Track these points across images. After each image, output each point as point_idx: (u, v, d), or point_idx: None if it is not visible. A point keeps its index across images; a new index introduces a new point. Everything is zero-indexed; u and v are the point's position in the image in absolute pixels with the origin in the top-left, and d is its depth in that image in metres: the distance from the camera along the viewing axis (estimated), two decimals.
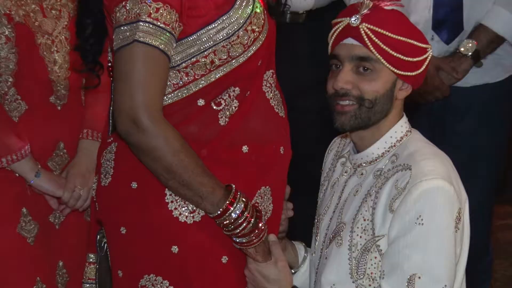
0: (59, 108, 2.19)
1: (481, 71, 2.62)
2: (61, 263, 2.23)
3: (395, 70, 1.85)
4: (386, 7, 1.89)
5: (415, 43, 1.86)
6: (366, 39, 1.84)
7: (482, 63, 2.61)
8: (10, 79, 2.12)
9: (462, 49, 2.60)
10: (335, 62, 1.89)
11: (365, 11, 1.88)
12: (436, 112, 2.64)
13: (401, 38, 1.85)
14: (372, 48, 1.84)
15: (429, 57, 1.89)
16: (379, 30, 1.84)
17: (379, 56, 1.84)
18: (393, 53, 1.84)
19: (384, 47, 1.84)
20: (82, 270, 2.15)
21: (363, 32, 1.85)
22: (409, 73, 1.86)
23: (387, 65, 1.85)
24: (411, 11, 2.65)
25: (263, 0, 1.94)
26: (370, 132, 1.92)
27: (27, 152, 2.13)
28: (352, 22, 1.86)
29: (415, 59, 1.86)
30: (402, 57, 1.85)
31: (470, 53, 2.59)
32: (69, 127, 2.23)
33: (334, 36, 1.89)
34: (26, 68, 2.14)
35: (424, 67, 1.88)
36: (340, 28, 1.88)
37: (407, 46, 1.85)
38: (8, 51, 2.11)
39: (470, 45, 2.58)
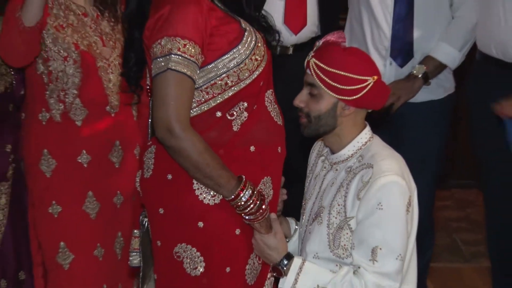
0: (113, 115, 2.19)
1: (428, 90, 2.63)
2: (119, 234, 2.23)
3: (334, 95, 1.85)
4: (336, 45, 1.89)
5: (351, 75, 1.84)
6: (312, 71, 1.87)
7: (430, 83, 2.62)
8: (75, 92, 2.13)
9: (415, 72, 2.59)
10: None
11: (316, 47, 1.90)
12: (395, 123, 2.62)
13: (337, 71, 1.84)
14: (315, 78, 1.86)
15: (370, 85, 1.84)
16: (321, 64, 1.85)
17: (320, 84, 1.86)
18: (330, 82, 1.84)
19: (324, 77, 1.85)
20: None
21: (310, 65, 1.87)
22: (347, 98, 1.85)
23: (327, 91, 1.85)
24: (376, 41, 2.64)
25: (263, 37, 1.97)
26: (333, 139, 1.93)
27: None
28: (307, 57, 1.90)
29: (349, 87, 1.84)
30: (338, 85, 1.84)
31: (420, 75, 2.58)
32: (121, 129, 2.22)
33: (304, 66, 1.92)
34: (88, 84, 2.14)
35: (362, 93, 1.84)
36: (306, 61, 1.91)
37: (343, 77, 1.84)
38: (75, 70, 2.12)
39: (421, 69, 2.60)
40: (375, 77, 1.84)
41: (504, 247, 2.63)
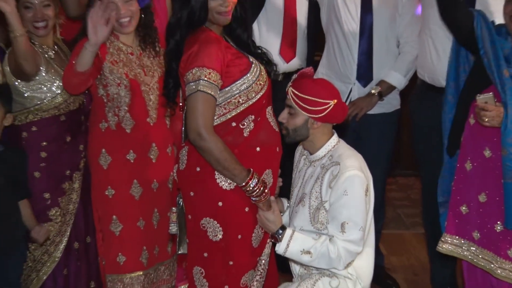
0: (151, 124, 2.19)
1: (381, 105, 2.67)
2: (156, 210, 2.23)
3: (305, 114, 1.87)
4: (307, 77, 1.90)
5: (316, 99, 1.85)
6: (290, 96, 1.89)
7: (384, 99, 2.66)
8: (126, 108, 2.15)
9: (373, 91, 2.62)
10: None
11: (293, 79, 1.92)
12: (356, 130, 2.65)
13: (307, 96, 1.85)
14: (292, 101, 1.88)
15: (331, 107, 1.85)
16: (296, 91, 1.88)
17: (295, 105, 1.88)
18: (302, 104, 1.86)
19: (298, 101, 1.87)
20: (166, 214, 2.21)
21: (289, 92, 1.90)
22: (315, 116, 1.87)
23: (300, 110, 1.87)
24: (346, 68, 2.64)
25: (265, 68, 2.01)
26: (308, 144, 1.95)
27: None
28: (287, 87, 1.93)
29: (316, 108, 1.86)
30: (308, 107, 1.86)
31: (377, 93, 2.61)
32: (158, 135, 2.21)
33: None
34: (135, 102, 2.16)
35: (326, 112, 1.85)
36: (286, 89, 1.93)
37: (311, 101, 1.85)
38: (126, 93, 2.15)
39: (377, 89, 2.63)
40: (335, 101, 1.87)
41: (435, 219, 2.53)
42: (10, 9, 1.91)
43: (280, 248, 1.91)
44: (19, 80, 2.14)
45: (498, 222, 2.06)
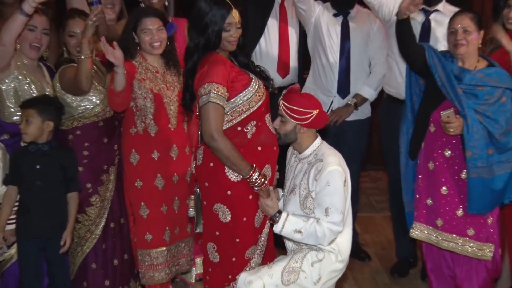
0: (172, 129, 2.20)
1: (356, 114, 2.71)
2: (176, 198, 2.24)
3: (293, 121, 1.87)
4: (294, 92, 1.90)
5: (302, 109, 1.84)
6: (281, 107, 1.89)
7: (358, 109, 2.69)
8: (151, 116, 2.16)
9: (350, 102, 2.66)
10: None
11: (283, 93, 1.92)
12: (336, 133, 2.67)
13: (294, 107, 1.85)
14: (283, 111, 1.89)
15: (314, 115, 1.85)
16: (285, 103, 1.88)
17: (285, 115, 1.88)
18: (291, 113, 1.87)
19: (287, 111, 1.87)
20: (185, 201, 2.22)
21: (280, 104, 1.90)
22: (301, 123, 1.87)
23: (289, 119, 1.88)
24: (329, 84, 2.66)
25: (263, 82, 1.99)
26: (297, 146, 1.95)
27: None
28: (279, 100, 1.92)
29: (302, 117, 1.86)
30: (295, 115, 1.86)
31: (353, 104, 2.66)
32: (178, 138, 2.22)
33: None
34: (158, 112, 2.17)
35: (310, 120, 1.85)
36: (278, 101, 1.93)
37: (298, 111, 1.85)
38: (151, 104, 2.15)
39: (353, 101, 2.66)
40: (318, 110, 1.88)
41: (399, 205, 2.52)
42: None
43: (277, 228, 1.92)
44: (68, 94, 2.18)
45: (460, 208, 2.12)
